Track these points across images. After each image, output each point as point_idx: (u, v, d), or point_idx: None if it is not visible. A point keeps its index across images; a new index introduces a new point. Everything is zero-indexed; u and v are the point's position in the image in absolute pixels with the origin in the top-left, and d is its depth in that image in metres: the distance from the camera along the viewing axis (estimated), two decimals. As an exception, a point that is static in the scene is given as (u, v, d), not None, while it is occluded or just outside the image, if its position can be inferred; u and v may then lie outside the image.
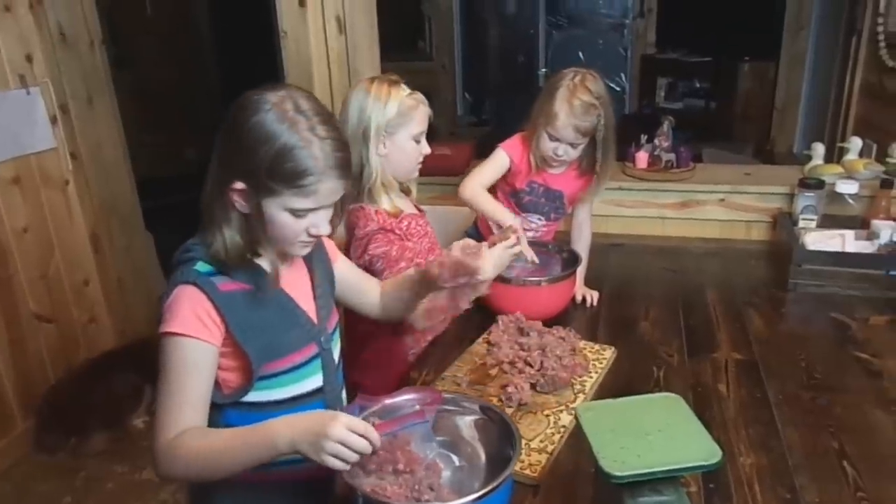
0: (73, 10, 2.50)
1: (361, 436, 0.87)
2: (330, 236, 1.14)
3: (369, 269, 1.47)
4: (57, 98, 2.43)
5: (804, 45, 3.90)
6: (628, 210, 2.20)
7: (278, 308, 1.07)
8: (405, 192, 1.62)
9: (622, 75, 5.12)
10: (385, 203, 1.51)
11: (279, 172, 0.95)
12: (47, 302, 2.46)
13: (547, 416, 1.23)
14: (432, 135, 1.57)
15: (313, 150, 0.95)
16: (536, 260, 1.55)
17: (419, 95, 1.52)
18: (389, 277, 1.44)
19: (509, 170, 1.75)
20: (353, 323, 1.55)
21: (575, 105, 1.58)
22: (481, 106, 5.36)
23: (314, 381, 1.11)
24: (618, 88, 5.11)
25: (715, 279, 1.88)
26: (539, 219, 1.82)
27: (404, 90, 1.49)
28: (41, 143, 2.38)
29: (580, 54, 5.05)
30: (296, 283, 1.11)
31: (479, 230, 1.88)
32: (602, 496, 0.97)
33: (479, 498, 0.86)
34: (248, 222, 1.00)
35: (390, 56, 2.42)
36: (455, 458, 1.04)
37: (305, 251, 1.09)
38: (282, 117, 0.95)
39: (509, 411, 1.22)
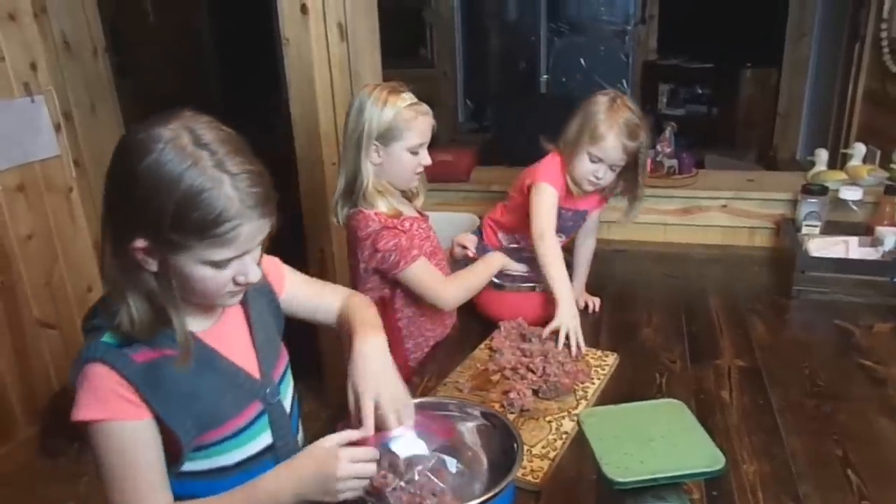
0: (76, 19, 2.52)
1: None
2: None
3: (383, 266, 1.46)
4: (61, 106, 2.44)
5: (807, 51, 3.90)
6: (631, 216, 2.19)
7: (209, 371, 0.91)
8: (408, 197, 1.60)
9: (624, 82, 5.12)
10: (382, 206, 1.48)
11: (187, 223, 0.78)
12: (51, 308, 2.47)
13: (549, 422, 1.22)
14: (434, 141, 1.55)
15: (225, 189, 0.79)
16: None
17: (422, 107, 1.47)
18: (405, 269, 1.45)
19: None
20: None
21: (622, 125, 1.54)
22: (483, 112, 5.36)
23: (262, 440, 0.97)
24: (625, 99, 5.09)
25: (717, 285, 1.87)
26: (560, 236, 1.77)
27: (404, 100, 1.45)
28: (45, 150, 2.39)
29: (582, 61, 5.04)
30: (228, 336, 0.96)
31: (484, 236, 1.87)
32: (604, 501, 0.96)
33: (482, 503, 0.86)
34: (158, 282, 0.83)
35: (392, 63, 2.43)
36: (456, 463, 1.04)
37: (237, 300, 0.93)
38: (180, 155, 0.78)
39: (511, 417, 1.22)
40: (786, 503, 1.04)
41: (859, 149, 2.18)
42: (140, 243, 0.80)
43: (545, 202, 1.62)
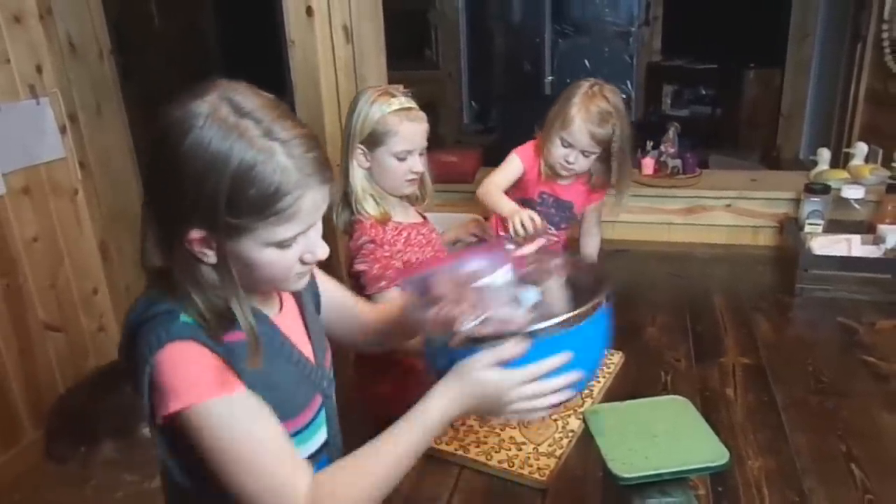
0: (82, 21, 2.53)
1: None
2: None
3: (356, 285, 1.43)
4: (66, 108, 2.45)
5: (809, 51, 3.90)
6: (634, 216, 2.20)
7: (283, 360, 0.86)
8: (410, 201, 1.56)
9: (628, 83, 5.13)
10: (370, 208, 1.44)
11: (243, 203, 0.72)
12: (56, 311, 2.48)
13: (555, 420, 1.23)
14: (440, 143, 1.54)
15: (278, 159, 0.72)
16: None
17: (412, 112, 1.42)
18: (373, 296, 1.38)
19: (521, 177, 1.76)
20: (358, 356, 1.56)
21: (592, 111, 1.59)
22: (488, 114, 5.37)
23: (320, 436, 0.92)
24: (623, 96, 5.10)
25: (721, 284, 1.88)
26: (549, 228, 1.81)
27: (392, 104, 1.40)
28: (51, 152, 2.40)
29: (586, 62, 5.06)
30: (289, 324, 0.90)
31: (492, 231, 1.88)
32: (610, 499, 0.97)
33: (576, 319, 0.82)
34: (219, 274, 0.76)
35: (396, 64, 2.44)
36: (538, 292, 0.95)
37: (304, 281, 0.86)
38: (224, 129, 0.71)
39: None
40: (791, 498, 1.05)
41: (861, 148, 2.18)
42: (195, 234, 0.74)
43: (504, 167, 1.74)
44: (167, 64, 4.07)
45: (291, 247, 0.78)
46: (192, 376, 0.73)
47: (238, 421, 0.74)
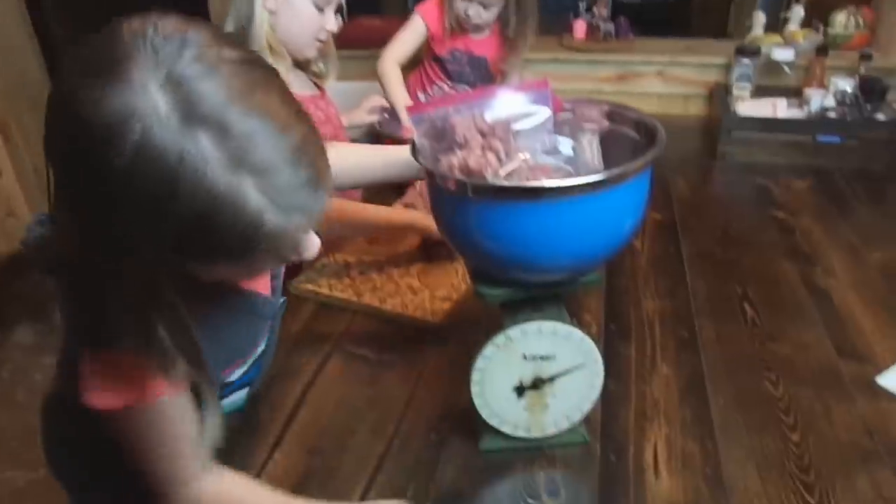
0: None
1: None
2: None
3: None
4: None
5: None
6: (564, 83, 2.12)
7: (243, 310, 0.75)
8: (305, 69, 1.38)
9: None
10: None
11: (196, 249, 0.52)
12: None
13: (456, 268, 1.19)
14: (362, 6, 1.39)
15: (249, 198, 0.49)
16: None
17: None
18: None
19: (428, 36, 1.66)
20: None
21: None
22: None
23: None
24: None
25: (646, 150, 1.84)
26: (466, 88, 1.74)
27: None
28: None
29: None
30: None
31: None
32: (493, 330, 0.94)
33: (619, 176, 0.67)
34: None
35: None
36: (572, 144, 0.81)
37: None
38: (167, 154, 0.46)
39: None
40: (681, 334, 1.05)
41: (797, 12, 2.12)
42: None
43: (406, 32, 1.69)
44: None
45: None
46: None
47: (156, 424, 0.66)
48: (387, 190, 1.42)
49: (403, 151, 0.86)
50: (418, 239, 1.22)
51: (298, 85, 1.35)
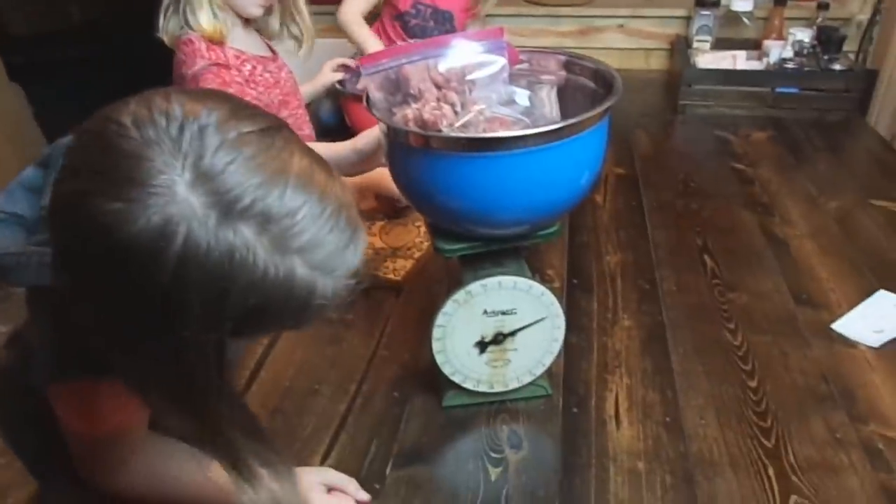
0: None
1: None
2: None
3: None
4: None
5: None
6: (525, 39, 2.08)
7: None
8: (258, 28, 1.29)
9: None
10: (204, 20, 1.15)
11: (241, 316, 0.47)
12: None
13: (418, 226, 1.17)
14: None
15: (299, 275, 0.46)
16: None
17: None
18: None
19: None
20: None
21: None
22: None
23: None
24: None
25: (608, 104, 1.83)
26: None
27: None
28: None
29: None
30: None
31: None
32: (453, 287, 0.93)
33: (576, 126, 0.65)
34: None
35: None
36: (529, 95, 0.78)
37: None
38: (214, 249, 0.42)
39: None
40: (642, 286, 1.06)
41: (757, -38, 2.10)
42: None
43: None
44: None
45: None
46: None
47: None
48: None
49: (370, 131, 0.88)
50: (375, 197, 1.19)
51: (248, 44, 1.27)
